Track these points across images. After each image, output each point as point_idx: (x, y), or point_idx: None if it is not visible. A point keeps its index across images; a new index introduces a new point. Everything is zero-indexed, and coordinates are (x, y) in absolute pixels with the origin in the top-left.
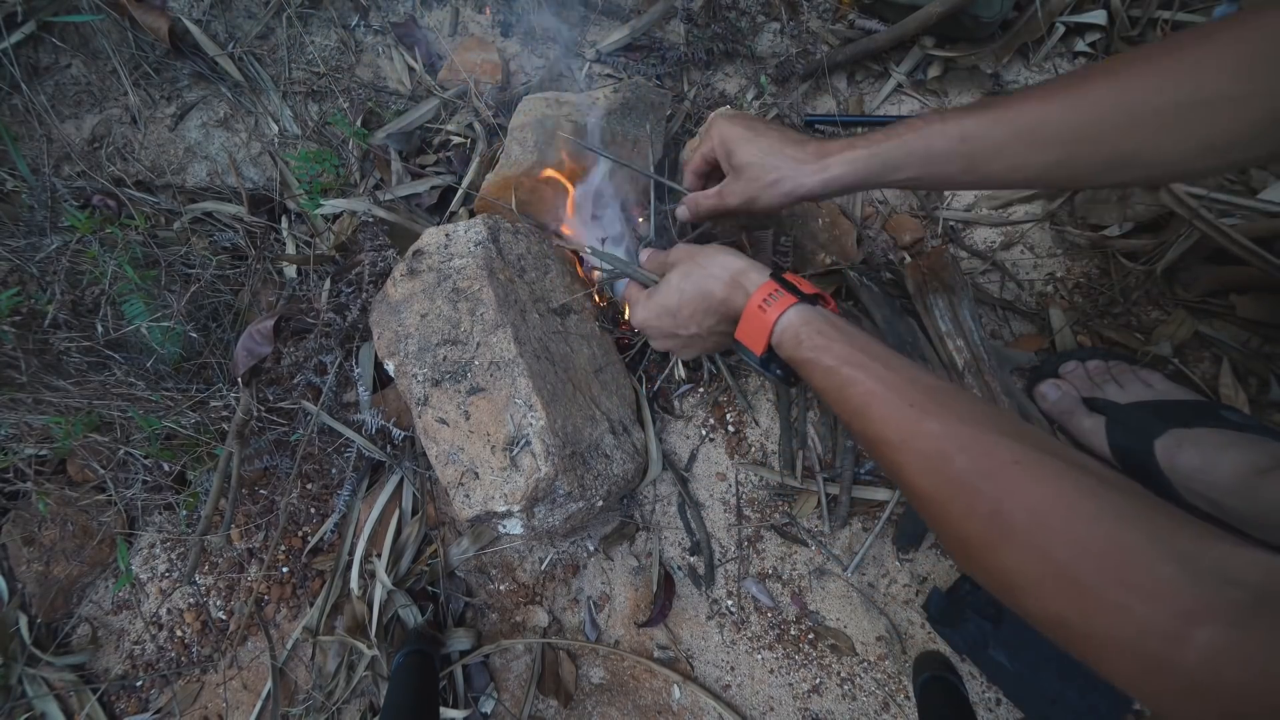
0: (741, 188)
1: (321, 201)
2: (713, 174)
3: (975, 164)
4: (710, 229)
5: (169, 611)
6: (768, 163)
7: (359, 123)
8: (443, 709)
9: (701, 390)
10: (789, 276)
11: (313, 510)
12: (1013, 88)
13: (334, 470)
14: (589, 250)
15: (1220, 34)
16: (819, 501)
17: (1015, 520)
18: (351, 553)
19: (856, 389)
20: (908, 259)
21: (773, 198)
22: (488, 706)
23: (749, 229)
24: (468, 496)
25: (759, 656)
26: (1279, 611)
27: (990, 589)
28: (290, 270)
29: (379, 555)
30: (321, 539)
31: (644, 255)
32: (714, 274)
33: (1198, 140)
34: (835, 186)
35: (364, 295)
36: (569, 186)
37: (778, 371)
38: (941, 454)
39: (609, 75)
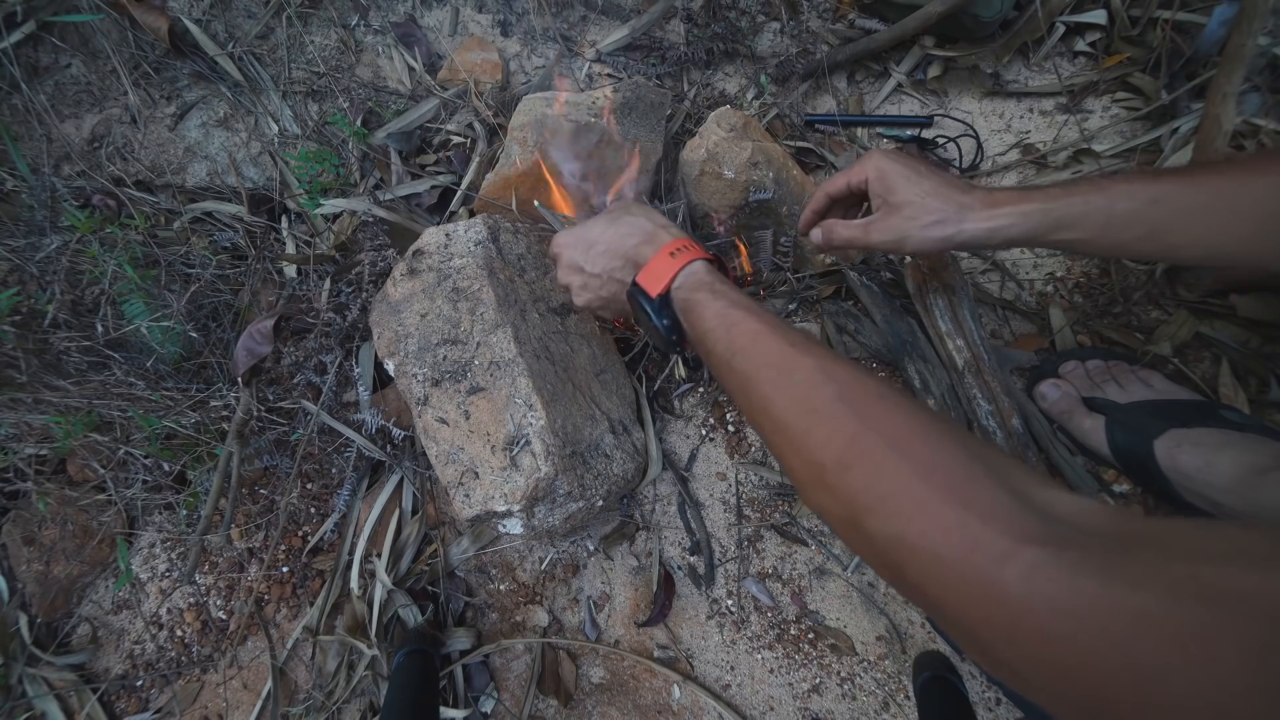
0: (895, 224)
1: (321, 201)
2: (844, 203)
3: (1160, 231)
4: (714, 229)
5: (169, 611)
6: (929, 203)
7: (359, 122)
8: (443, 708)
9: (701, 390)
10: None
11: (313, 510)
12: (1013, 87)
13: (334, 470)
14: (536, 204)
15: None
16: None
17: (871, 443)
18: (351, 552)
19: (747, 326)
20: (908, 259)
21: (926, 240)
22: (488, 706)
23: (749, 228)
24: (468, 496)
25: (759, 656)
26: (1091, 544)
27: (833, 514)
28: (290, 270)
29: (379, 555)
30: (321, 539)
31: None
32: (636, 223)
33: None
34: (999, 238)
35: (364, 295)
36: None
37: (665, 321)
38: (814, 383)
39: (609, 75)
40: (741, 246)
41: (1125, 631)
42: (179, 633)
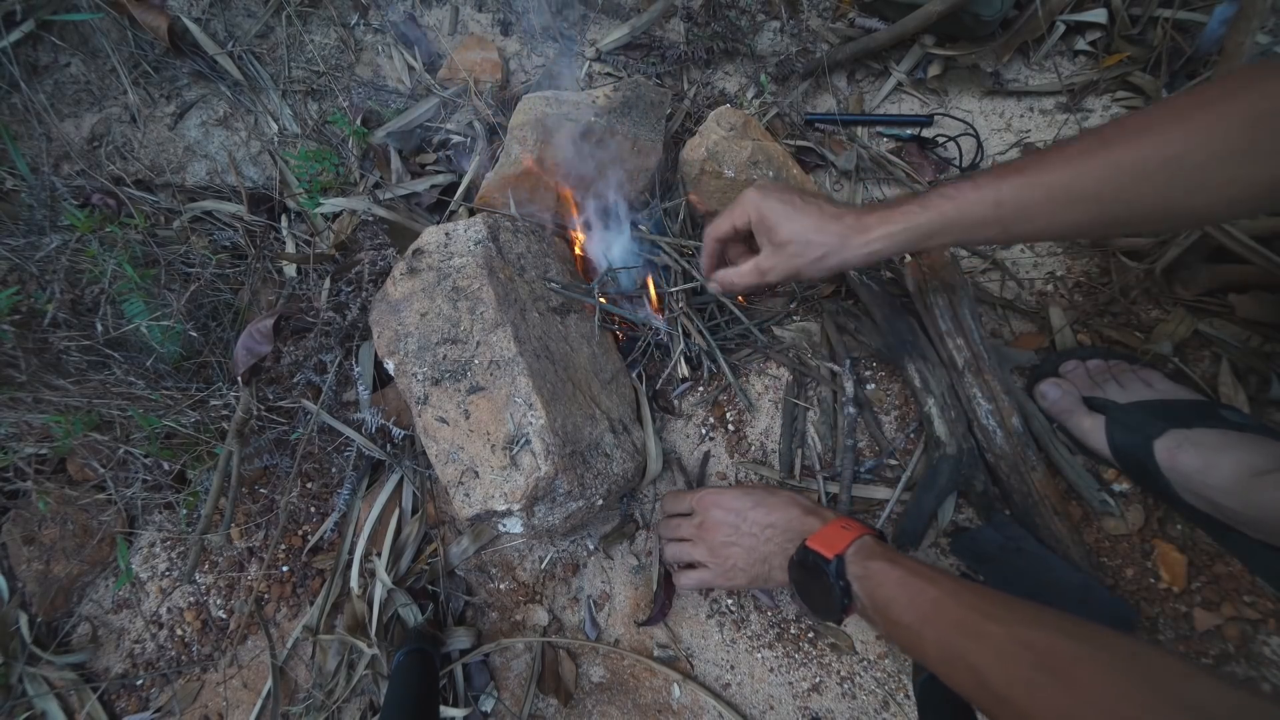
0: (785, 263)
1: (321, 200)
2: (735, 242)
3: (1010, 227)
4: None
5: (169, 610)
6: (813, 239)
7: (359, 121)
8: (443, 708)
9: (701, 389)
10: None
11: (313, 509)
12: (1013, 86)
13: (334, 469)
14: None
15: (1242, 91)
16: (819, 500)
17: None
18: (351, 551)
19: (930, 592)
20: (908, 258)
21: (817, 271)
22: (488, 705)
23: None
24: (468, 495)
25: (759, 655)
26: None
27: None
28: (290, 269)
29: (379, 554)
30: (321, 538)
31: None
32: (793, 499)
33: (1227, 195)
34: (878, 258)
35: (364, 294)
36: (571, 201)
37: (841, 583)
38: (1010, 654)
39: (609, 74)
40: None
41: None
42: (179, 632)
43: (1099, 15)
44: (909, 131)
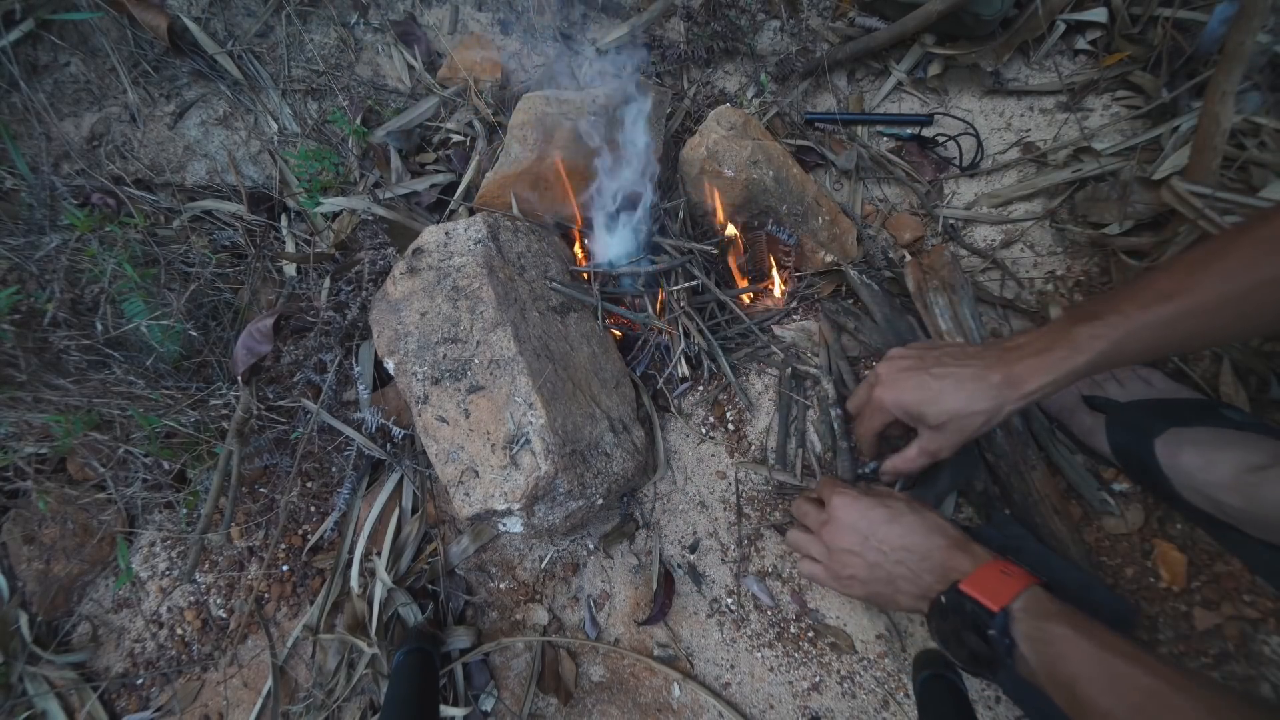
0: (951, 439)
1: (321, 200)
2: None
3: (1194, 341)
4: (715, 233)
5: (169, 610)
6: (970, 410)
7: (359, 121)
8: (443, 707)
9: (701, 389)
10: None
11: (313, 508)
12: (1013, 85)
13: (334, 468)
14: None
15: None
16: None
17: None
18: (352, 551)
19: (1138, 680)
20: (908, 257)
21: (985, 430)
22: (488, 704)
23: (749, 228)
24: (468, 495)
25: (759, 654)
26: None
27: None
28: (290, 268)
29: (379, 553)
30: (322, 537)
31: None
32: (933, 522)
33: None
34: (1038, 399)
35: (364, 293)
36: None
37: (1006, 640)
38: None
39: (609, 73)
40: (773, 260)
41: None
42: (179, 631)
43: (1099, 14)
44: (909, 131)
